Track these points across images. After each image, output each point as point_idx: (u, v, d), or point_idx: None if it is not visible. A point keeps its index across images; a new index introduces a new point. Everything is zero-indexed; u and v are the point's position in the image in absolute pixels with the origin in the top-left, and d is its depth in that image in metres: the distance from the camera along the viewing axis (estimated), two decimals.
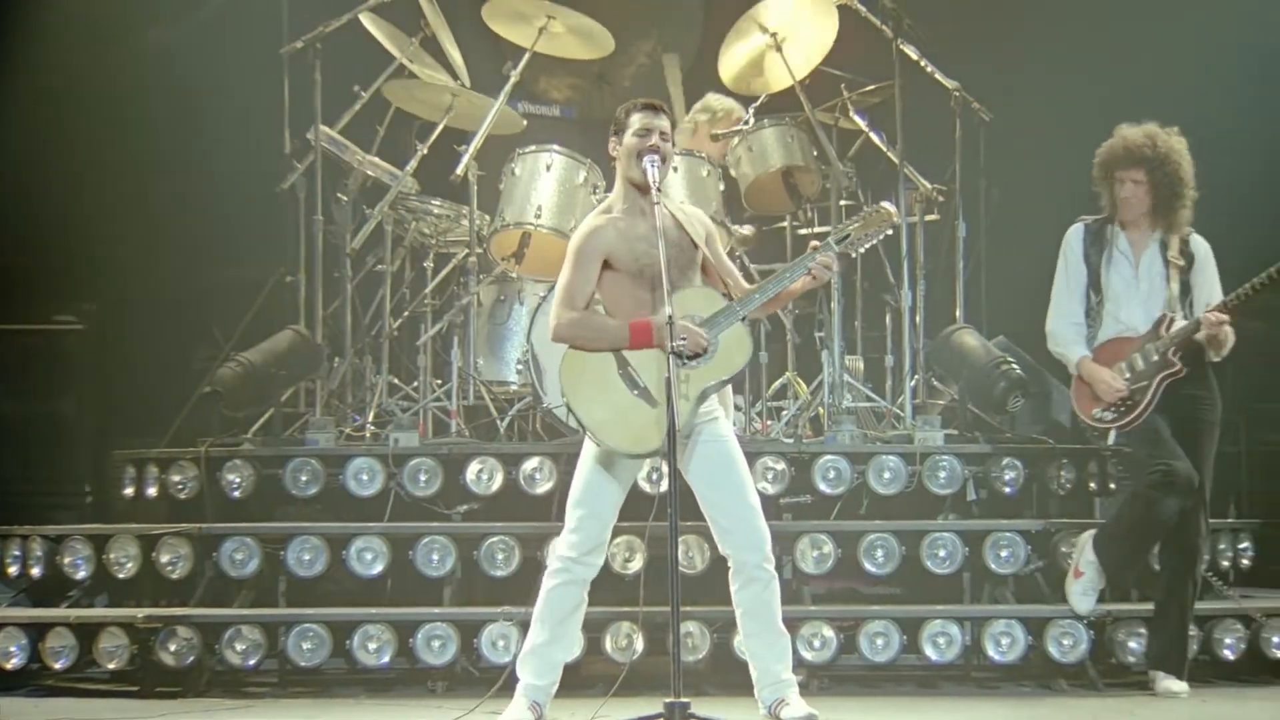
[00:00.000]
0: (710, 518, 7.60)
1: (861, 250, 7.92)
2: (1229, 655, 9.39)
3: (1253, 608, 9.57)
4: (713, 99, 11.47)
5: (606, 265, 7.58)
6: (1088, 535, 9.10)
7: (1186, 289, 9.08)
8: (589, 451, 7.63)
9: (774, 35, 10.95)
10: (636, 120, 7.64)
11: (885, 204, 7.88)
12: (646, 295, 7.55)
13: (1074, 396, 9.20)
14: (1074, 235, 9.31)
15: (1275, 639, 9.46)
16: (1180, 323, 8.95)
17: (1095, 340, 9.14)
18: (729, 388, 7.79)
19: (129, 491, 10.23)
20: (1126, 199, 9.10)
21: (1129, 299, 9.07)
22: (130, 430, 11.55)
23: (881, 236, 7.83)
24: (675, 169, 10.29)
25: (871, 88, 11.30)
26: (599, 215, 7.73)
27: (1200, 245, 9.19)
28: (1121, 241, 9.14)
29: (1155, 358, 8.92)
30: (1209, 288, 9.11)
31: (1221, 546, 10.12)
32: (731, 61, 11.19)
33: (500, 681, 8.25)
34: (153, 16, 12.41)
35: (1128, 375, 8.94)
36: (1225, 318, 8.83)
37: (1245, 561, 10.38)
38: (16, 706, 8.68)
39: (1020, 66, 12.56)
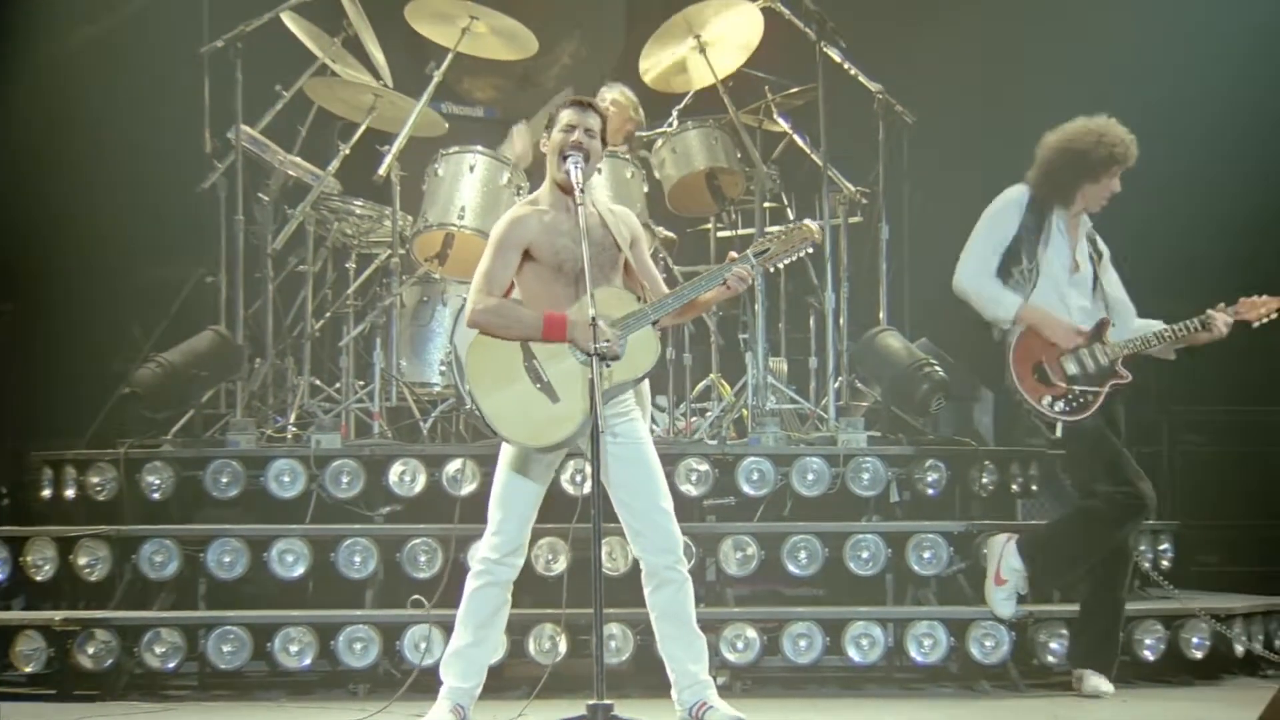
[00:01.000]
0: (623, 520, 7.58)
1: (780, 266, 7.90)
2: (1149, 656, 9.44)
3: (1199, 607, 9.63)
4: (611, 90, 11.43)
5: (527, 256, 7.56)
6: (1002, 539, 9.11)
7: (1098, 283, 9.12)
8: (506, 454, 7.61)
9: (698, 37, 10.93)
10: (564, 116, 7.63)
11: (808, 221, 7.89)
12: (563, 291, 7.53)
13: (1015, 374, 9.01)
14: (1017, 195, 9.14)
15: (1195, 639, 9.52)
16: (1122, 330, 8.97)
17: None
18: (647, 388, 7.78)
19: (47, 493, 10.13)
20: (1109, 195, 9.06)
21: (1070, 283, 9.05)
22: (48, 431, 11.42)
23: (801, 253, 7.81)
24: (599, 170, 10.27)
25: (795, 90, 11.34)
26: (524, 205, 7.72)
27: (1102, 242, 9.24)
28: (1061, 223, 9.11)
29: (1105, 362, 8.94)
30: (1115, 284, 9.14)
31: (1142, 548, 10.17)
32: (655, 62, 11.17)
33: (410, 680, 8.24)
34: (73, 15, 12.30)
35: (1075, 371, 8.93)
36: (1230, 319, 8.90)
37: (1165, 562, 10.45)
38: None
39: (943, 69, 12.60)
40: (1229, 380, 12.38)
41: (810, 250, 7.86)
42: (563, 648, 8.93)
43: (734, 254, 7.72)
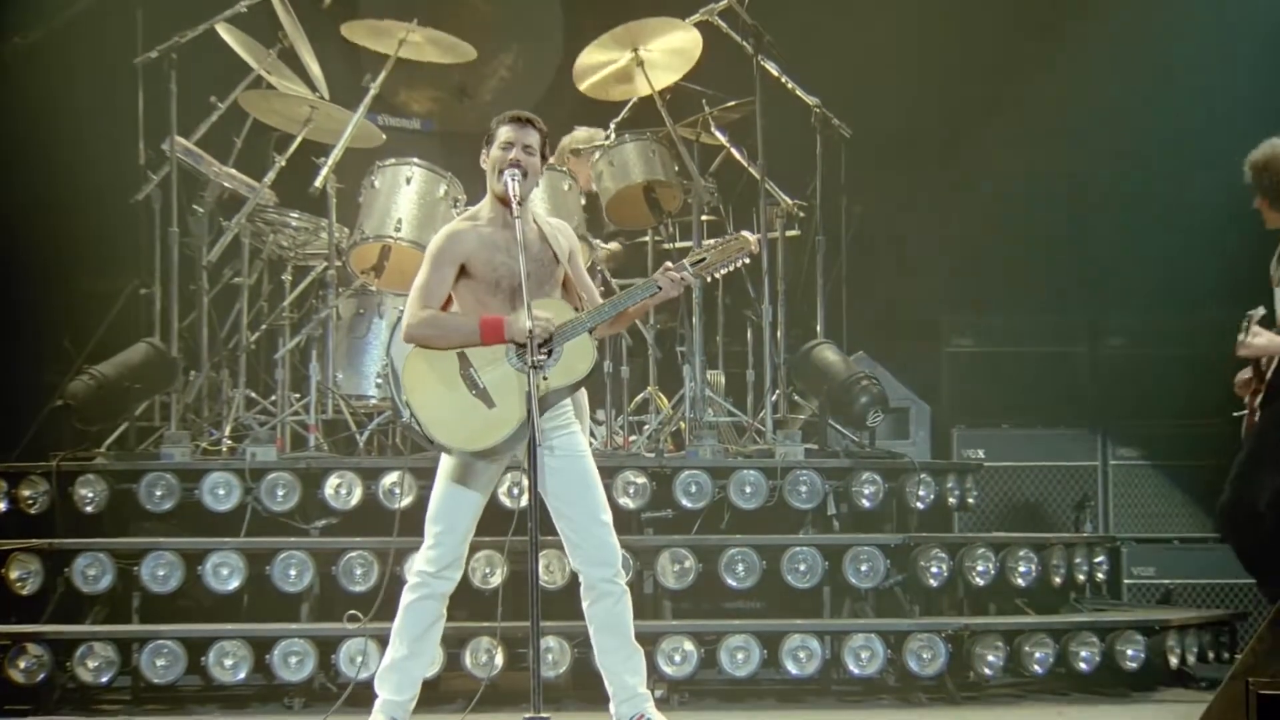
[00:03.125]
0: (562, 532, 7.57)
1: (717, 276, 7.90)
2: (1084, 668, 9.48)
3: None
4: (579, 132, 11.50)
5: (463, 272, 7.55)
6: None
7: None
8: (445, 466, 7.59)
9: (636, 50, 10.92)
10: (503, 132, 7.60)
11: (745, 233, 7.87)
12: (499, 306, 7.51)
13: None
14: None
15: (1130, 651, 9.56)
16: None
17: None
18: (585, 400, 7.77)
19: None
20: None
21: None
22: None
23: (738, 264, 7.81)
24: (538, 184, 10.24)
25: (732, 104, 11.35)
26: (462, 220, 7.70)
27: None
28: None
29: None
30: None
31: (1078, 561, 10.22)
32: (591, 72, 11.14)
33: (346, 693, 8.20)
34: (5, 25, 12.20)
35: None
36: None
37: (1100, 575, 10.50)
38: None
39: (879, 82, 12.64)
40: (1171, 394, 12.47)
41: (747, 261, 7.86)
42: (499, 661, 8.91)
43: (669, 264, 7.73)
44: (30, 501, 9.79)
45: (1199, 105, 12.63)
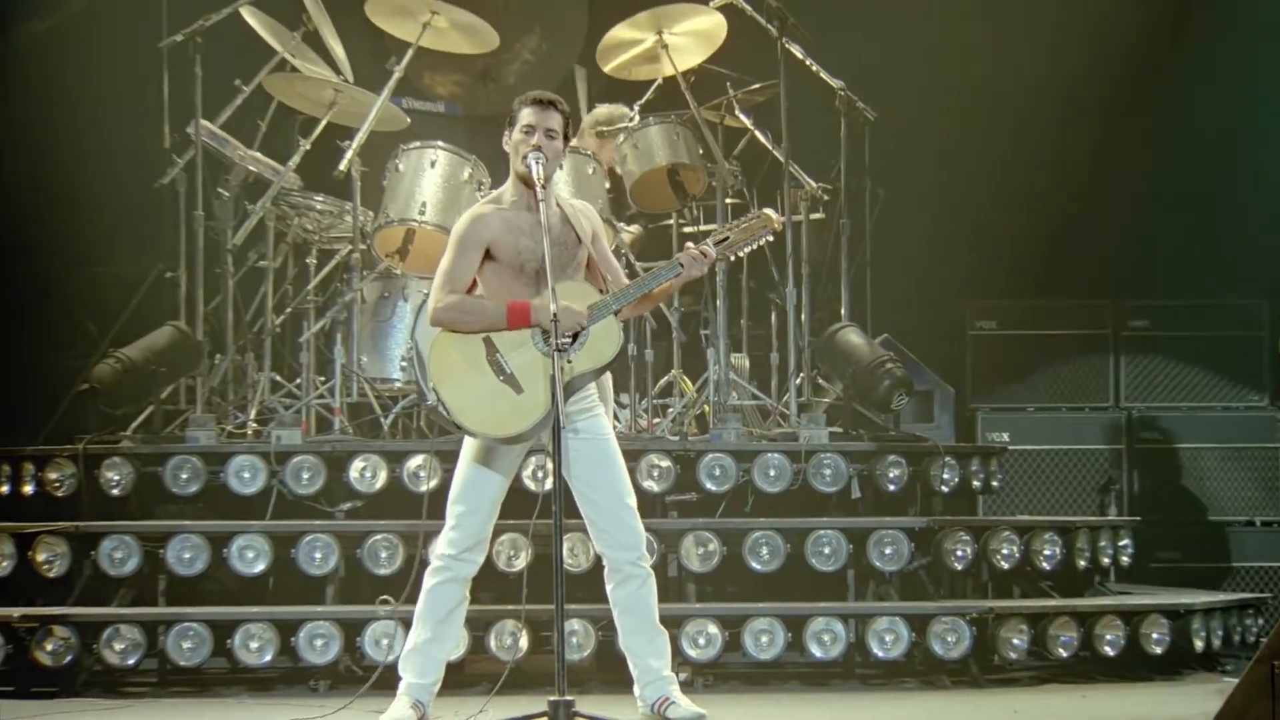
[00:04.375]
0: (586, 515, 7.59)
1: (741, 254, 7.92)
2: (1110, 652, 9.47)
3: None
4: (600, 110, 11.49)
5: (487, 255, 7.56)
6: None
7: None
8: (468, 449, 7.61)
9: (661, 33, 10.92)
10: (525, 115, 7.60)
11: (768, 210, 7.88)
12: (524, 289, 7.53)
13: None
14: None
15: (1155, 635, 9.55)
16: None
17: None
18: (610, 383, 7.78)
19: (4, 489, 10.08)
20: None
21: None
22: (5, 427, 11.36)
23: (761, 242, 7.83)
24: (560, 166, 10.24)
25: (756, 86, 11.33)
26: (486, 204, 7.71)
27: None
28: None
29: None
30: None
31: (1102, 544, 10.21)
32: (615, 53, 11.14)
33: (374, 678, 8.22)
34: (29, 9, 12.24)
35: None
36: None
37: (1125, 559, 10.49)
38: None
39: (904, 65, 12.63)
40: (1195, 378, 12.46)
41: (770, 238, 7.87)
42: (524, 644, 8.91)
43: (691, 244, 7.74)
44: (57, 484, 9.81)
45: (1221, 87, 12.64)
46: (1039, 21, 12.74)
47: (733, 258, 8.11)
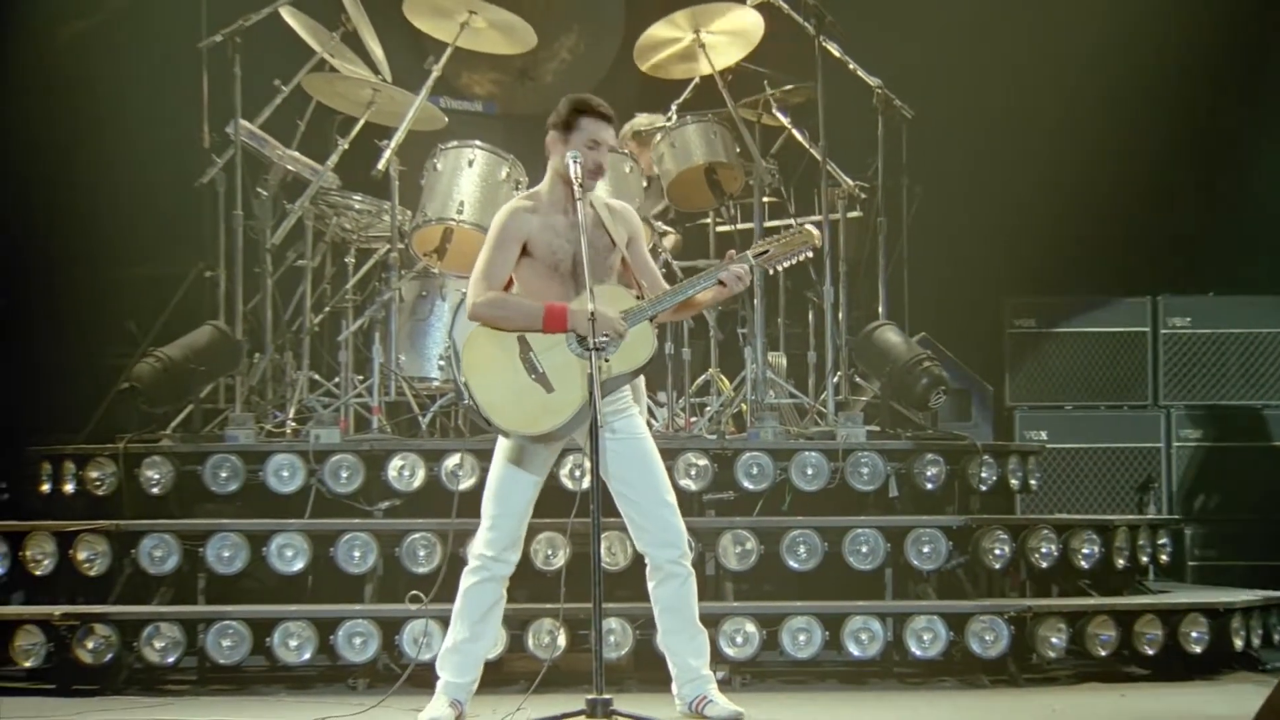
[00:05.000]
0: (626, 515, 7.59)
1: (780, 269, 7.91)
2: (1149, 651, 9.44)
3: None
4: (641, 118, 11.52)
5: (523, 252, 7.56)
6: None
7: None
8: (502, 448, 7.62)
9: (697, 32, 10.93)
10: (591, 128, 7.56)
11: (809, 226, 7.89)
12: (557, 288, 7.54)
13: None
14: None
15: (1194, 634, 9.52)
16: None
17: None
18: (642, 384, 7.79)
19: (45, 488, 10.14)
20: None
21: None
22: (46, 426, 11.43)
23: (801, 257, 7.82)
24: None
25: (794, 85, 11.32)
26: (522, 200, 7.72)
27: None
28: None
29: None
30: None
31: (1141, 542, 10.18)
32: (653, 51, 11.15)
33: (405, 675, 8.24)
34: (69, 9, 12.29)
35: None
36: None
37: (1164, 557, 10.46)
38: None
39: (942, 63, 12.62)
40: (1234, 375, 12.44)
41: (809, 255, 7.86)
42: (562, 642, 8.93)
43: (733, 252, 7.73)
44: (97, 483, 9.86)
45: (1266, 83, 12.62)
46: (1076, 18, 12.71)
47: (770, 271, 8.10)
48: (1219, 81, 12.84)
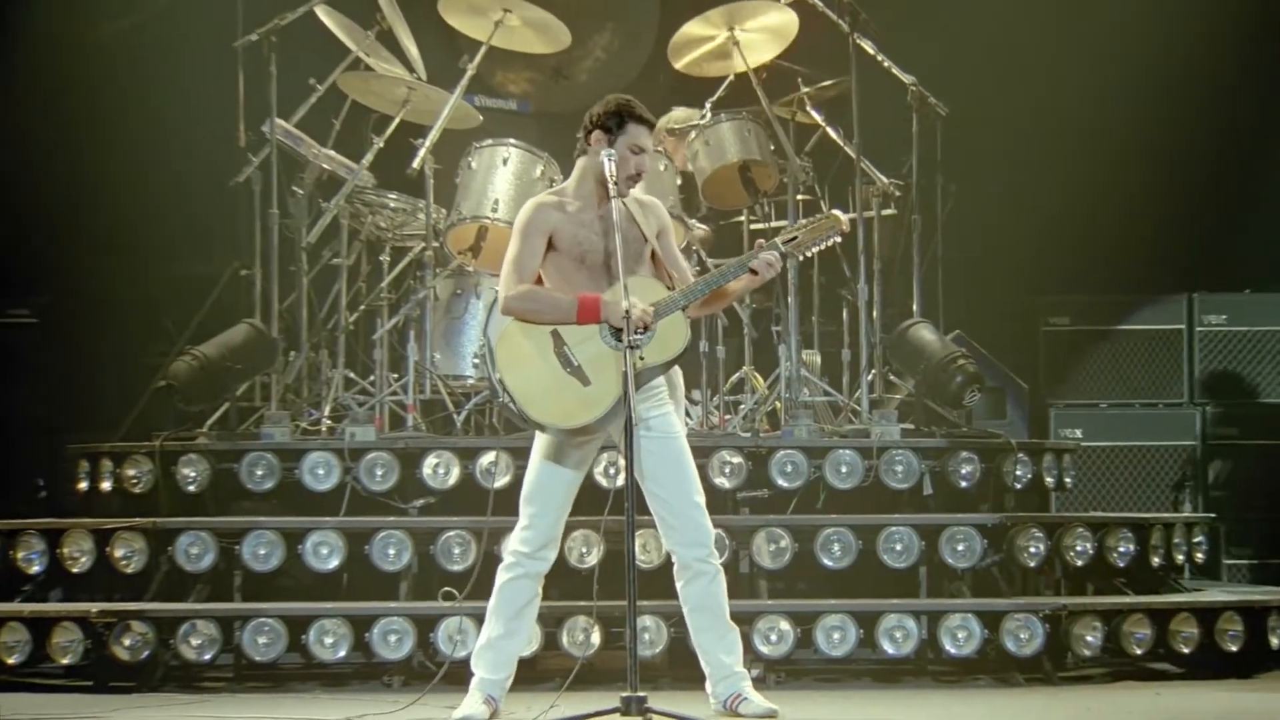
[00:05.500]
0: (656, 513, 7.59)
1: (809, 254, 7.92)
2: (1184, 649, 9.41)
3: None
4: (677, 112, 11.53)
5: (549, 245, 7.58)
6: None
7: None
8: (539, 446, 7.63)
9: (732, 30, 10.94)
10: (637, 133, 7.58)
11: (836, 211, 7.89)
12: (585, 282, 7.54)
13: None
14: None
15: (1231, 632, 9.49)
16: None
17: None
18: (680, 379, 7.77)
19: (83, 485, 10.19)
20: None
21: None
22: (83, 424, 11.50)
23: (829, 243, 7.82)
24: None
25: (828, 83, 11.31)
26: (547, 194, 7.75)
27: None
28: None
29: None
30: None
31: (1177, 540, 10.16)
32: (687, 49, 11.16)
33: (441, 672, 8.26)
34: (105, 9, 12.35)
35: None
36: None
37: (1199, 555, 10.43)
38: None
39: (977, 60, 12.60)
40: (1270, 373, 12.41)
41: (838, 239, 7.87)
42: (596, 640, 8.94)
43: (762, 241, 7.74)
44: (134, 481, 9.89)
45: None
46: (1110, 14, 12.68)
47: (800, 257, 8.10)
48: (1254, 76, 12.79)
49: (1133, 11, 12.65)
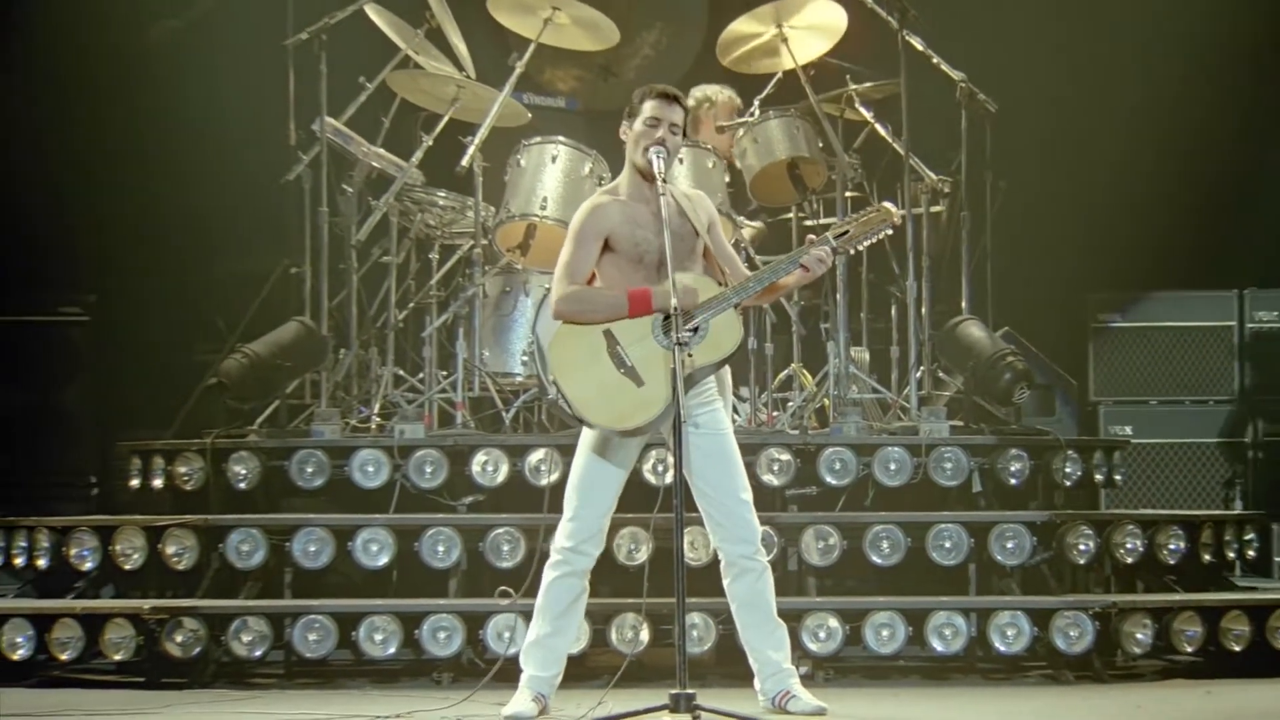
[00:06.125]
0: (703, 510, 7.60)
1: (860, 248, 7.91)
2: (1236, 646, 9.36)
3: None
4: (710, 88, 11.50)
5: (606, 246, 7.59)
6: None
7: None
8: (586, 440, 7.64)
9: (780, 27, 10.93)
10: (648, 108, 7.61)
11: (887, 204, 7.89)
12: (642, 280, 7.56)
13: None
14: None
15: None
16: None
17: None
18: (729, 376, 7.78)
19: (134, 483, 10.24)
20: None
21: None
22: (135, 421, 11.58)
23: (880, 236, 7.83)
24: (680, 160, 10.28)
25: (878, 81, 11.29)
26: (603, 194, 7.75)
27: None
28: None
29: None
30: None
31: (1227, 538, 10.11)
32: (735, 46, 11.16)
33: (493, 670, 8.28)
34: (158, 7, 12.41)
35: None
36: None
37: (1251, 553, 10.38)
38: (23, 698, 8.68)
39: (1026, 57, 12.56)
40: None
41: (889, 232, 7.87)
42: (645, 637, 8.94)
43: (813, 237, 7.74)
44: (185, 478, 9.94)
45: None
46: (1159, 7, 12.62)
47: (851, 251, 8.10)
48: None
49: (1180, 2, 12.58)
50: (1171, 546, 9.76)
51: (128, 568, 9.58)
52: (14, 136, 12.16)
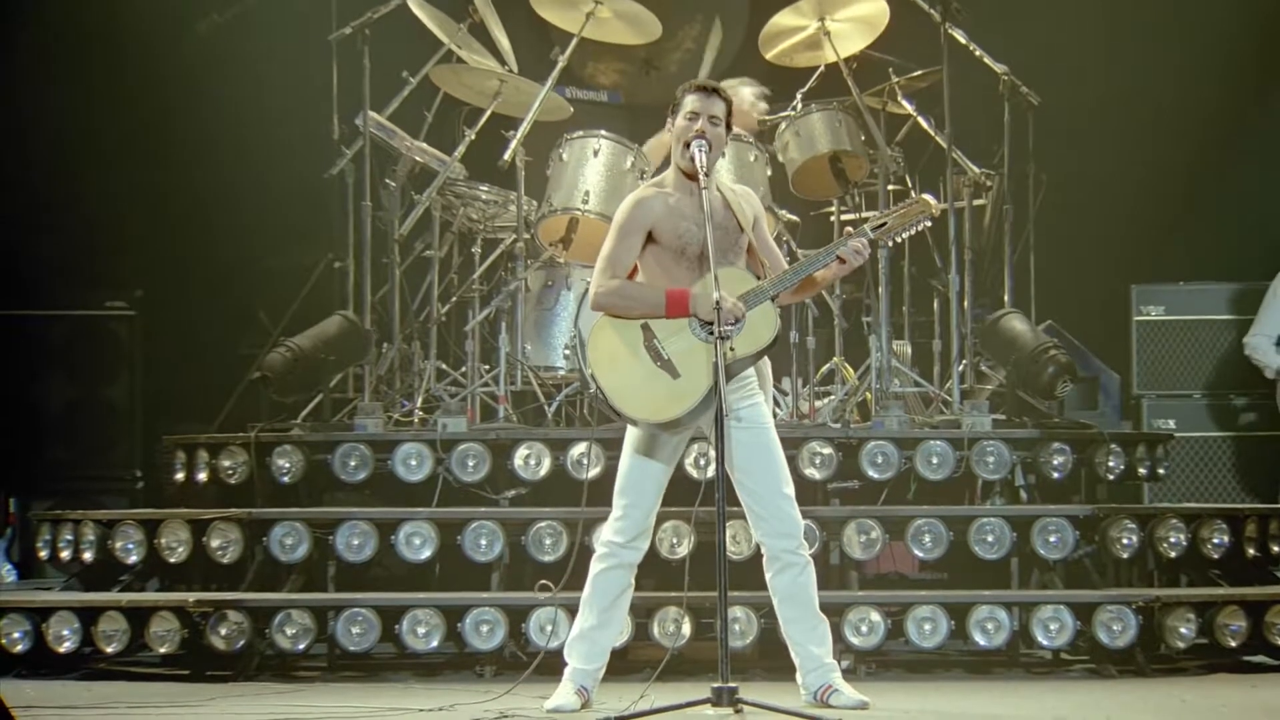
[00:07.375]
0: (745, 504, 7.61)
1: (898, 240, 7.92)
2: None
3: None
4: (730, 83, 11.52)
5: (649, 239, 7.60)
6: None
7: None
8: (630, 439, 7.65)
9: (822, 20, 10.92)
10: (689, 102, 7.62)
11: (926, 195, 7.87)
12: (684, 273, 7.56)
13: None
14: None
15: None
16: None
17: None
18: (769, 369, 7.79)
19: (179, 476, 10.27)
20: None
21: None
22: (180, 415, 11.63)
23: (919, 228, 7.81)
24: (723, 153, 10.26)
25: (919, 73, 11.28)
26: (649, 187, 7.75)
27: None
28: None
29: None
30: None
31: (1273, 532, 10.06)
32: (777, 40, 11.15)
33: (535, 663, 8.30)
34: (205, 3, 12.46)
35: None
36: None
37: None
38: (69, 690, 8.74)
39: (1069, 50, 12.52)
40: None
41: (928, 224, 7.85)
42: (687, 631, 8.95)
43: (850, 229, 7.74)
44: (230, 472, 9.99)
45: None
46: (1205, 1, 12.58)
47: (890, 243, 8.10)
48: None
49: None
50: (1215, 540, 9.72)
51: (172, 561, 9.63)
52: (63, 134, 12.23)
